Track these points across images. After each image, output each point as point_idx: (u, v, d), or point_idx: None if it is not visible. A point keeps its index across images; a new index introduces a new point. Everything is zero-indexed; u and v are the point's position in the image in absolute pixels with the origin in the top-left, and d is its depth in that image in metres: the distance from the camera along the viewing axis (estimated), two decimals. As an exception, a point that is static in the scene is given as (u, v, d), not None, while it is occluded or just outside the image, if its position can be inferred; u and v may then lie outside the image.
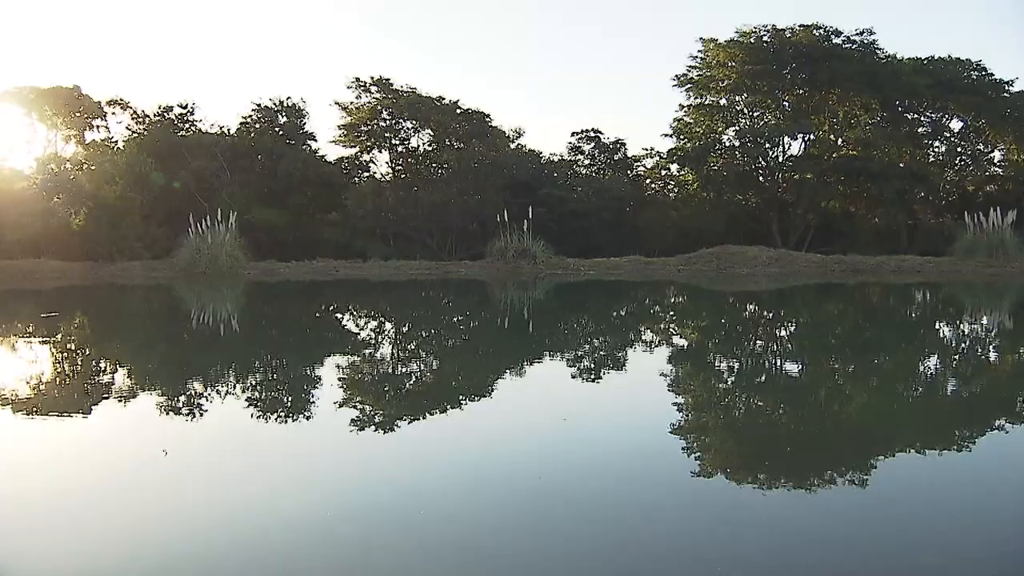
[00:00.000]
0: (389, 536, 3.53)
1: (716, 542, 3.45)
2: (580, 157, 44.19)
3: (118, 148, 41.73)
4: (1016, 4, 43.95)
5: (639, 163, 44.68)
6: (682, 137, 41.97)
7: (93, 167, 38.77)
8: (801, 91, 40.00)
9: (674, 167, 43.78)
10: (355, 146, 41.96)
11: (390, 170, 42.51)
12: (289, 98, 41.54)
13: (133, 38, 70.32)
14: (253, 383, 8.05)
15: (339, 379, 8.01)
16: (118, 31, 70.56)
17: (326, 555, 3.31)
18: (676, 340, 12.19)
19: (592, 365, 9.03)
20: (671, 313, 17.32)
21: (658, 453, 4.92)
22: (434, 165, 42.18)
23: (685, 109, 41.93)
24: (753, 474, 4.60)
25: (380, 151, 42.25)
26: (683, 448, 5.10)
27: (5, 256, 32.14)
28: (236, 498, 4.10)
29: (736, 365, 9.30)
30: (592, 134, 43.91)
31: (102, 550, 3.34)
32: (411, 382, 8.16)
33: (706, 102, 41.55)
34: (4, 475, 4.52)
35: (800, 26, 38.63)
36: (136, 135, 42.01)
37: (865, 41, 38.85)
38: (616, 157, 44.07)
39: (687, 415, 6.27)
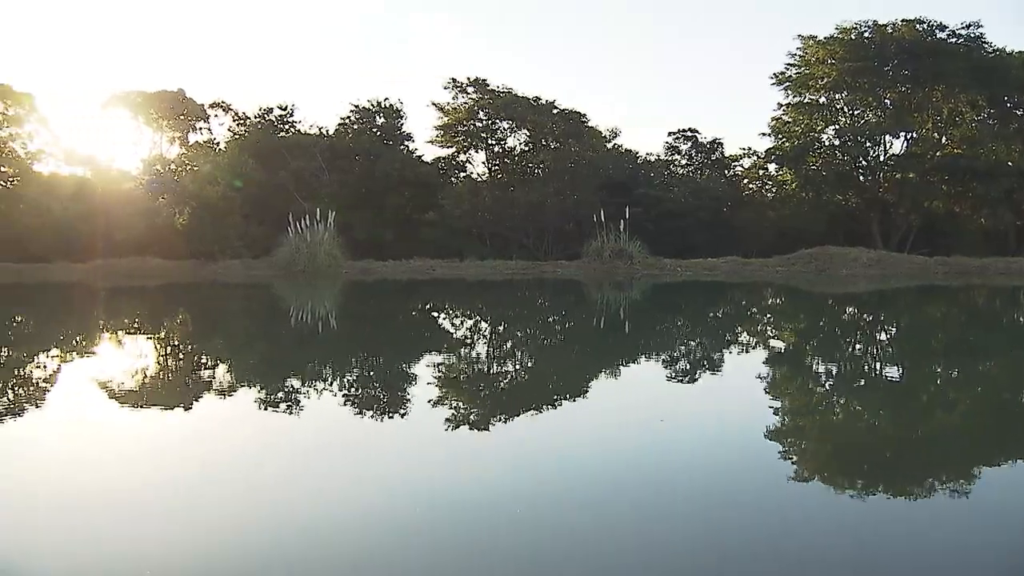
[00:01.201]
0: (489, 535, 3.55)
1: (810, 545, 3.44)
2: (677, 157, 43.94)
3: (220, 149, 42.64)
4: None
5: (736, 163, 44.25)
6: (780, 136, 41.37)
7: (196, 168, 39.70)
8: (903, 88, 39.07)
9: (772, 167, 43.21)
10: (452, 146, 42.22)
11: (487, 170, 42.69)
12: (387, 99, 41.98)
13: (236, 42, 71.86)
14: (349, 380, 8.14)
15: (434, 377, 8.07)
16: (221, 36, 72.19)
17: (423, 553, 3.34)
18: (774, 343, 12.06)
19: (688, 367, 8.99)
20: (768, 315, 17.13)
21: (755, 456, 4.89)
22: (530, 165, 42.23)
23: (783, 108, 41.35)
24: (852, 480, 4.55)
25: (477, 151, 42.48)
26: (780, 452, 5.06)
27: (113, 254, 33.08)
28: (326, 494, 4.15)
29: (835, 369, 9.19)
30: (689, 134, 43.59)
31: (195, 539, 3.42)
32: (506, 381, 8.19)
33: (805, 100, 40.90)
34: (112, 466, 4.64)
35: (903, 21, 37.71)
36: (237, 136, 42.87)
37: (972, 35, 37.76)
38: (713, 157, 43.71)
39: (784, 419, 6.22)
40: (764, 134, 42.32)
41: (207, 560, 3.23)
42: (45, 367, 9.12)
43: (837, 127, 40.71)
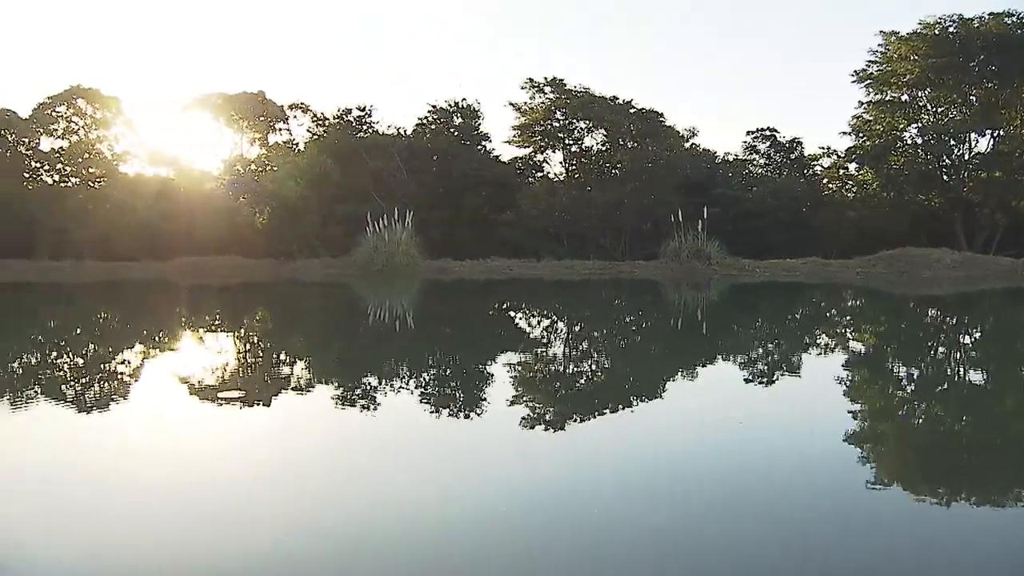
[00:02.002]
0: (566, 535, 3.54)
1: (888, 552, 3.42)
2: (755, 156, 43.53)
3: (299, 150, 43.21)
4: None
5: (816, 162, 43.68)
6: (861, 135, 40.72)
7: (275, 168, 40.35)
8: (990, 84, 38.20)
9: (852, 166, 42.60)
10: (529, 146, 42.33)
11: (564, 170, 42.74)
12: (464, 99, 42.20)
13: (315, 44, 72.75)
14: (426, 379, 8.23)
15: (511, 377, 8.10)
16: (301, 38, 73.14)
17: (502, 552, 3.35)
18: (853, 345, 11.93)
19: (767, 368, 8.94)
20: (848, 317, 16.92)
21: (834, 460, 4.85)
22: (607, 165, 42.18)
23: (864, 106, 40.69)
24: (933, 487, 4.51)
25: (554, 151, 42.54)
26: (859, 457, 5.03)
27: (195, 252, 33.77)
28: (402, 492, 4.17)
29: (916, 373, 9.08)
30: (768, 133, 43.17)
31: (274, 533, 3.46)
32: (583, 381, 8.20)
33: (887, 98, 40.19)
34: (189, 460, 4.75)
35: (990, 15, 36.80)
36: (316, 137, 43.38)
37: (1064, 29, 36.69)
38: (792, 156, 43.23)
39: (863, 423, 6.17)
40: (844, 133, 41.79)
41: (286, 553, 3.27)
42: (129, 362, 9.36)
43: (920, 125, 39.96)
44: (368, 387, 7.54)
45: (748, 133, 43.58)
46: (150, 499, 3.98)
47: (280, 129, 44.96)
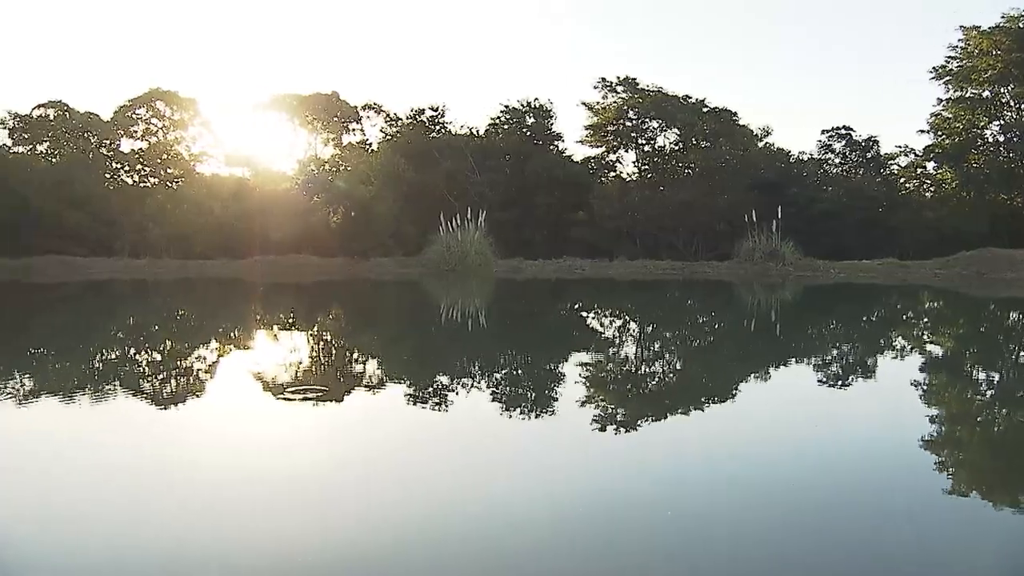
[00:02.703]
0: (639, 536, 3.55)
1: (965, 560, 3.40)
2: (830, 156, 42.88)
3: (372, 150, 43.59)
4: None
5: (892, 161, 42.87)
6: (940, 133, 39.90)
7: (349, 168, 40.79)
8: (1076, 80, 37.18)
9: (931, 165, 41.76)
10: (601, 146, 42.24)
11: (636, 170, 42.58)
12: (536, 99, 42.20)
13: (387, 45, 73.34)
14: (497, 378, 8.30)
15: (583, 376, 8.13)
16: (373, 39, 73.79)
17: (575, 552, 3.36)
18: (931, 348, 11.77)
19: (842, 371, 8.86)
20: (926, 319, 16.66)
21: (911, 465, 4.82)
22: (680, 165, 41.94)
23: (943, 103, 39.86)
24: (1014, 495, 4.46)
25: (626, 151, 42.40)
26: (936, 463, 4.98)
27: (269, 251, 34.26)
28: (471, 492, 4.19)
29: (996, 377, 8.95)
30: (843, 131, 42.48)
31: (345, 528, 3.50)
32: (655, 382, 8.19)
33: (967, 95, 39.30)
34: (261, 454, 4.85)
35: (1076, 7, 35.73)
36: (389, 137, 43.71)
37: None
38: (868, 155, 42.50)
39: (941, 428, 6.10)
40: (922, 131, 41.01)
41: (360, 550, 3.31)
42: (206, 358, 9.57)
43: (1002, 122, 39.11)
44: (440, 385, 7.61)
45: (823, 132, 42.92)
46: (219, 491, 4.06)
47: (353, 129, 45.40)
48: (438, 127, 43.74)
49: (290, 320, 14.88)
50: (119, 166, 43.52)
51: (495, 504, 4.02)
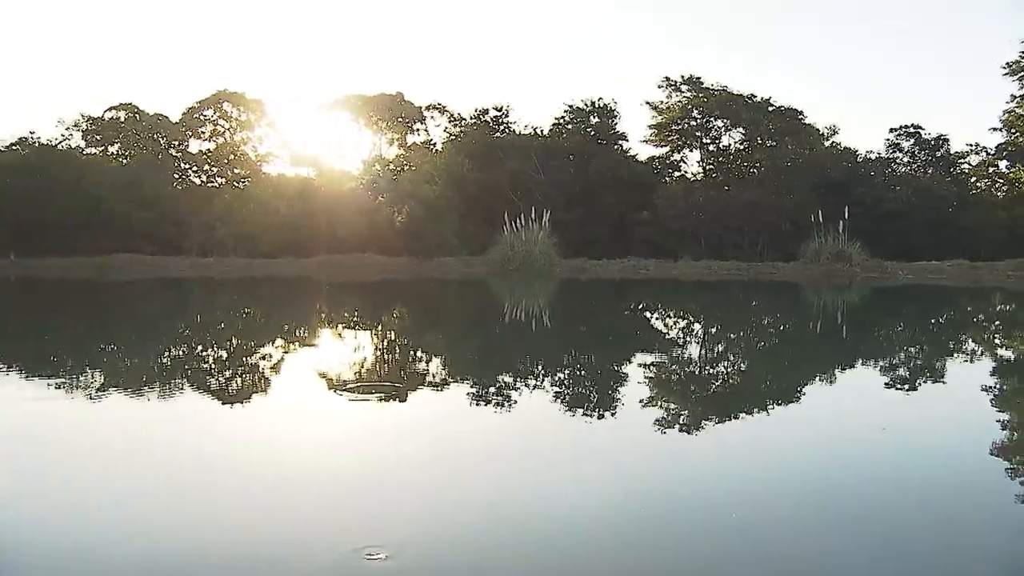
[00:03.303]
0: (703, 539, 3.53)
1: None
2: (899, 155, 42.30)
3: (437, 150, 43.86)
4: None
5: (963, 160, 42.16)
6: (1013, 131, 39.15)
7: (414, 168, 41.07)
8: None
9: (1003, 164, 40.97)
10: (665, 145, 42.12)
11: (701, 169, 42.37)
12: (600, 99, 42.16)
13: (452, 45, 73.69)
14: (561, 377, 8.33)
15: (646, 377, 8.10)
16: (438, 39, 74.17)
17: (641, 553, 3.34)
18: (1002, 352, 11.59)
19: (910, 375, 8.77)
20: (997, 322, 16.39)
21: (981, 471, 4.78)
22: (745, 164, 41.67)
23: (1017, 100, 39.10)
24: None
25: (691, 150, 42.23)
26: (1007, 469, 4.93)
27: (335, 250, 34.61)
28: (534, 492, 4.18)
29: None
30: (912, 130, 41.88)
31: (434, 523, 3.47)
32: (717, 383, 8.14)
33: (1041, 91, 38.55)
34: (320, 452, 4.89)
35: None
36: (454, 137, 43.95)
37: None
38: (938, 154, 41.86)
39: (1012, 433, 6.04)
40: (994, 129, 40.32)
41: (421, 547, 3.30)
42: (270, 356, 9.72)
43: (1078, 119, 38.30)
44: (504, 385, 7.65)
45: (891, 131, 42.38)
46: (283, 488, 4.08)
47: (418, 129, 45.75)
48: (502, 127, 43.89)
49: (355, 319, 15.04)
50: (187, 167, 44.38)
51: (558, 504, 4.02)
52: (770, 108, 40.65)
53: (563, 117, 42.91)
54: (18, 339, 11.50)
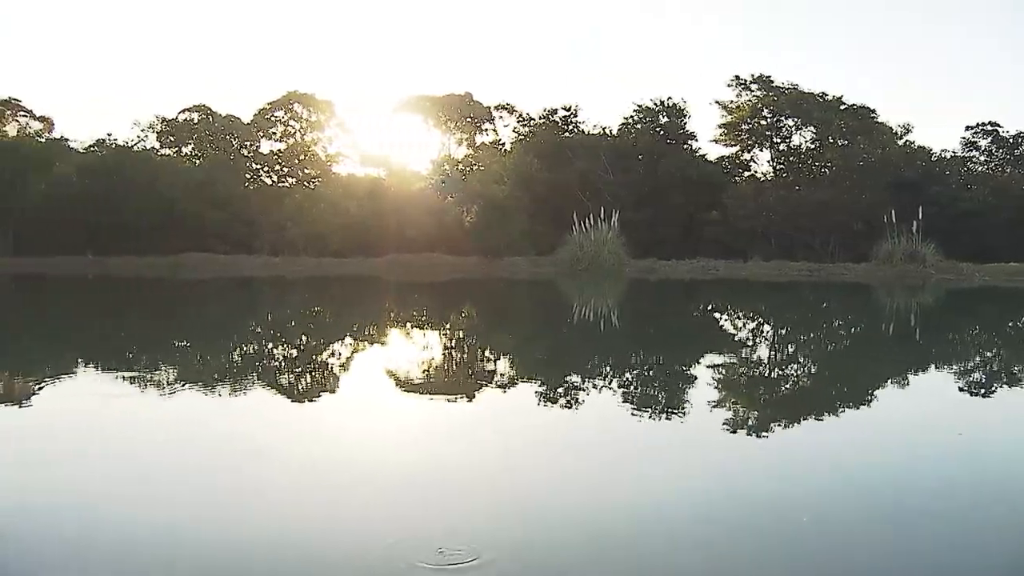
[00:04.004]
0: (771, 542, 3.47)
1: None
2: (975, 153, 41.49)
3: (505, 150, 43.99)
4: None
5: (1045, 157, 41.17)
6: (1097, 127, 38.07)
7: (482, 168, 41.25)
8: None
9: (1087, 161, 39.93)
10: (735, 145, 41.81)
11: (771, 169, 41.99)
12: (670, 98, 41.96)
13: (520, 46, 73.78)
14: (629, 378, 8.31)
15: (714, 378, 8.05)
16: (507, 40, 74.31)
17: (708, 555, 3.30)
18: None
19: (985, 379, 8.62)
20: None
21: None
22: (816, 164, 41.19)
23: (1101, 96, 38.09)
24: None
25: (761, 150, 41.85)
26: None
27: (404, 250, 34.87)
28: (599, 492, 4.15)
29: None
30: (989, 128, 41.05)
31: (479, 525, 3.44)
32: (787, 386, 8.11)
33: None
34: (388, 449, 4.93)
35: None
36: (522, 137, 44.03)
37: None
38: (1016, 152, 40.98)
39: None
40: (1079, 125, 39.38)
41: (490, 546, 3.24)
42: (339, 354, 9.86)
43: None
44: (571, 384, 7.68)
45: (967, 128, 41.56)
46: (356, 485, 4.09)
47: (486, 129, 45.93)
48: (571, 127, 43.85)
49: (424, 318, 15.17)
50: (259, 167, 45.08)
51: (629, 505, 4.01)
52: (841, 106, 40.14)
53: (632, 117, 42.78)
54: (96, 336, 11.77)
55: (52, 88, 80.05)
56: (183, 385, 7.18)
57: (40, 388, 7.06)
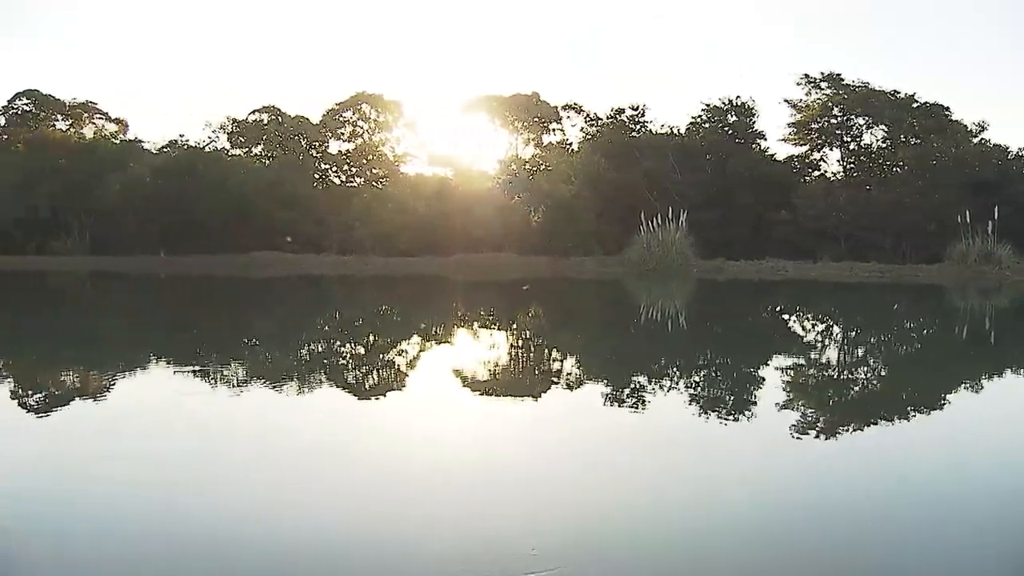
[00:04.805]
0: (848, 546, 3.44)
1: None
2: (1056, 150, 40.41)
3: (573, 150, 43.95)
4: None
5: None
6: None
7: (550, 168, 41.23)
8: None
9: None
10: (805, 144, 41.28)
11: (841, 168, 41.40)
12: (738, 97, 41.60)
13: (588, 45, 73.60)
14: (696, 380, 8.28)
15: (782, 381, 8.00)
16: (574, 39, 74.19)
17: (772, 558, 3.30)
18: None
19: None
20: None
21: None
22: (888, 163, 40.51)
23: None
24: None
25: (831, 149, 41.29)
26: None
27: (471, 249, 35.01)
28: (660, 492, 4.15)
29: None
30: (1073, 124, 39.96)
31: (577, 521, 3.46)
32: (856, 389, 8.01)
33: None
34: (453, 447, 4.98)
35: None
36: (589, 137, 43.93)
37: None
38: (1101, 150, 39.84)
39: None
40: None
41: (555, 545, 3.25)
42: (407, 352, 9.95)
43: None
44: (638, 385, 7.67)
45: (1047, 126, 40.53)
46: (423, 483, 4.11)
47: (554, 129, 45.91)
48: (638, 126, 43.64)
49: (492, 317, 15.22)
50: (327, 167, 45.56)
51: (700, 508, 4.00)
52: (914, 105, 39.44)
53: (700, 116, 42.48)
54: (170, 333, 11.98)
55: (126, 90, 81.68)
56: (248, 383, 7.29)
57: (117, 383, 7.23)
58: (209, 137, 44.60)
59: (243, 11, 77.10)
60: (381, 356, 9.81)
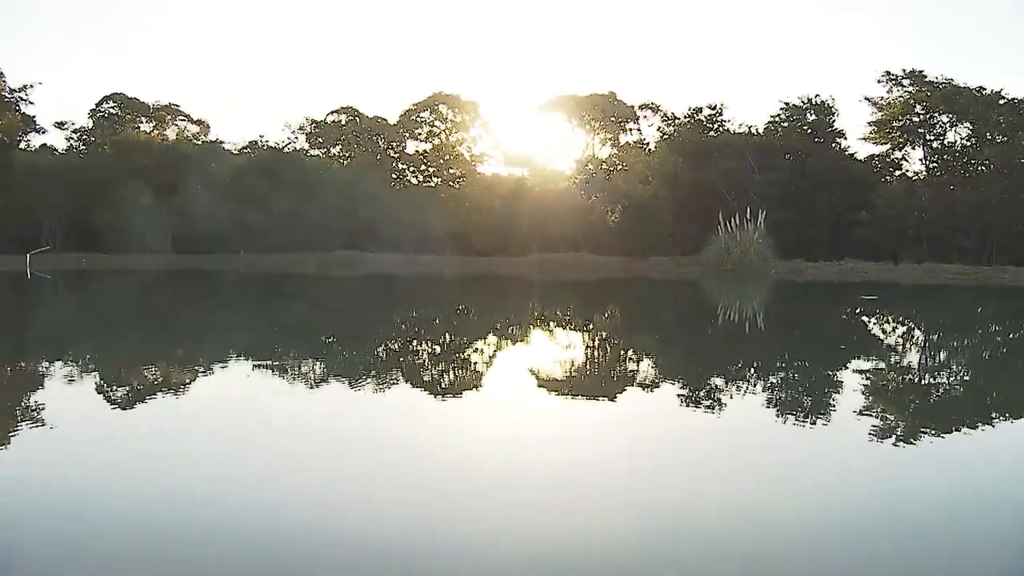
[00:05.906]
0: (905, 552, 3.36)
1: None
2: None
3: (650, 149, 43.86)
4: None
5: None
6: None
7: (627, 168, 41.19)
8: None
9: None
10: (886, 143, 40.64)
11: (923, 167, 40.63)
12: (818, 95, 41.14)
13: (664, 45, 73.36)
14: (773, 382, 8.14)
15: (860, 384, 7.86)
16: (649, 38, 74.02)
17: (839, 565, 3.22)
18: None
19: None
20: None
21: None
22: (973, 162, 39.65)
23: None
24: None
25: (913, 147, 40.57)
26: None
27: (547, 249, 35.09)
28: (730, 496, 4.07)
29: None
30: None
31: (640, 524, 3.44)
32: (938, 393, 7.81)
33: None
34: (522, 447, 4.95)
35: None
36: (667, 137, 43.82)
37: None
38: None
39: None
40: None
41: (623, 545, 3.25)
42: (483, 351, 9.99)
43: None
44: (713, 387, 7.58)
45: None
46: (489, 481, 4.08)
47: (630, 129, 45.84)
48: (716, 126, 43.37)
49: (570, 317, 15.19)
50: (404, 167, 45.99)
51: (771, 511, 3.93)
52: (1001, 101, 38.48)
53: (779, 115, 42.08)
54: (247, 331, 12.11)
55: (208, 92, 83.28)
56: (325, 381, 7.34)
57: (198, 378, 7.33)
58: (288, 138, 45.31)
59: (322, 13, 78.18)
60: (459, 357, 9.83)
